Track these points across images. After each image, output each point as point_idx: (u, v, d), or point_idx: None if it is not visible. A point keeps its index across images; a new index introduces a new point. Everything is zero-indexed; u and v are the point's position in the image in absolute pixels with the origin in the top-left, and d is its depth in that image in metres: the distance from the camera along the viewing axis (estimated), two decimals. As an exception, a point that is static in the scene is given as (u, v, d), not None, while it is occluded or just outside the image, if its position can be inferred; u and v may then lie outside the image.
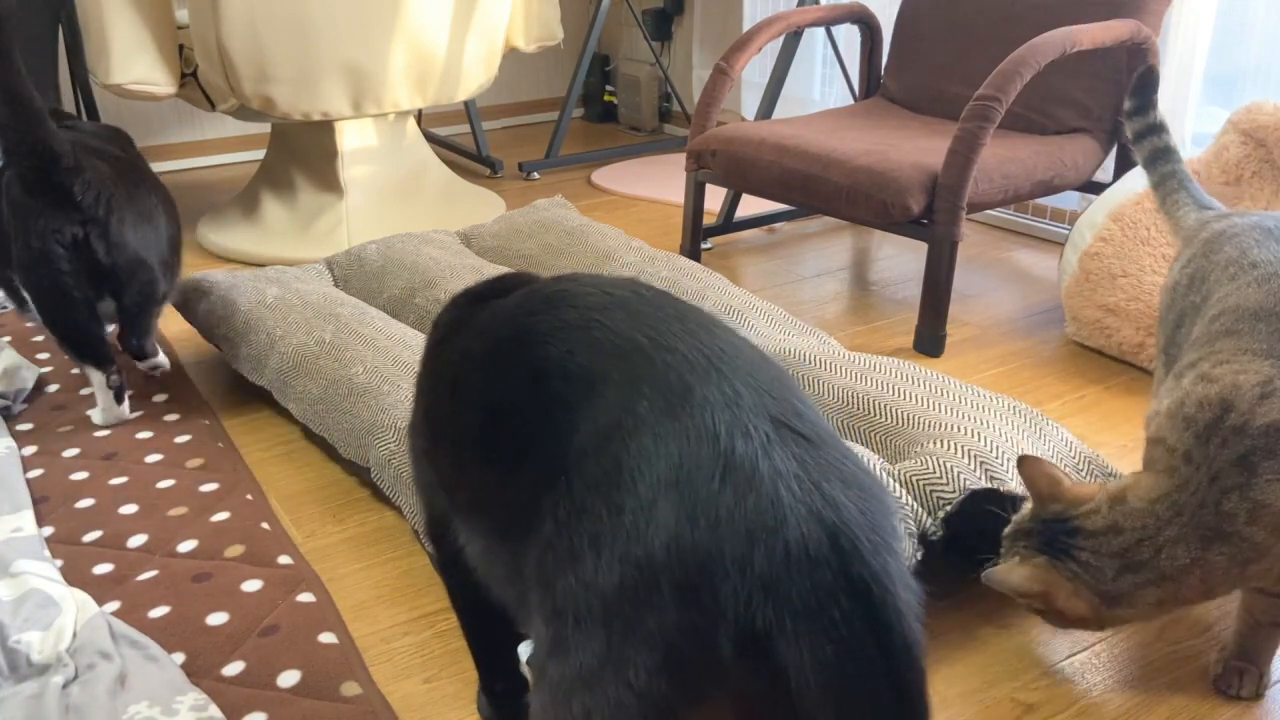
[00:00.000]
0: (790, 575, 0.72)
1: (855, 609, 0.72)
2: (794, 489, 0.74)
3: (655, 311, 0.87)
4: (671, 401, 0.77)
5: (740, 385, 0.79)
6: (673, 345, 0.82)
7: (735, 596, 0.72)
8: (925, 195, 2.10)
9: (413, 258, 2.21)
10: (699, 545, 0.73)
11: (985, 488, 1.34)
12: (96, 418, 1.92)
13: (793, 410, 0.80)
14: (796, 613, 0.72)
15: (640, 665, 0.74)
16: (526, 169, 3.63)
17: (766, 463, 0.74)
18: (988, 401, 1.52)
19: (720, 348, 0.82)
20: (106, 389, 1.89)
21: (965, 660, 1.32)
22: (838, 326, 2.35)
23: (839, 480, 0.76)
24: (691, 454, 0.75)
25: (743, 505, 0.73)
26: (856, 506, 0.76)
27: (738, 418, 0.76)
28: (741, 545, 0.72)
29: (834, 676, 0.72)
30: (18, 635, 1.29)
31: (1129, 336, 2.07)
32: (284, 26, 2.57)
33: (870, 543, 0.75)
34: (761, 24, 2.66)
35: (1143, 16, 2.31)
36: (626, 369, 0.81)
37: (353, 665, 1.30)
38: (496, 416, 0.90)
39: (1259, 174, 2.01)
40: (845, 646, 0.72)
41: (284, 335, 1.92)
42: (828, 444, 0.79)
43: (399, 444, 1.57)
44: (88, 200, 1.76)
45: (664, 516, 0.74)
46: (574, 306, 0.89)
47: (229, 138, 3.88)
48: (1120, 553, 1.11)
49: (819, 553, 0.72)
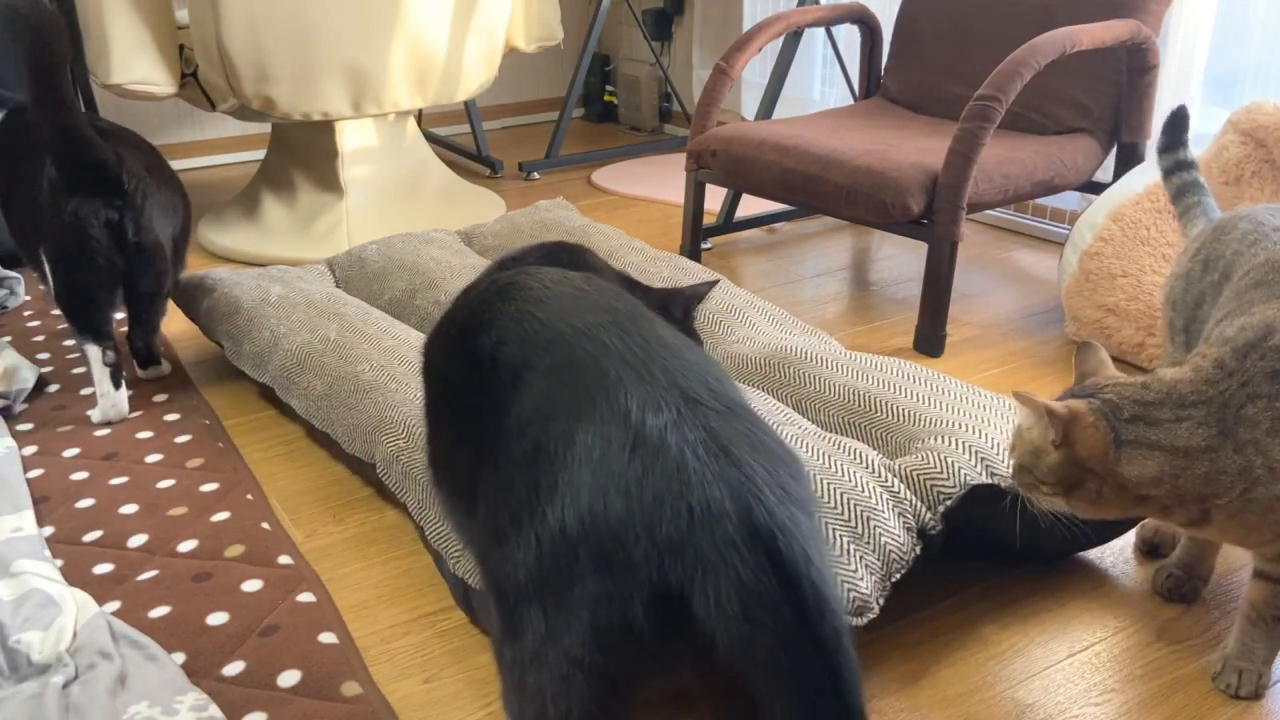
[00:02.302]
0: (697, 533, 0.76)
1: (758, 559, 0.76)
2: (700, 454, 0.79)
3: (587, 304, 0.93)
4: (588, 386, 0.83)
5: (655, 369, 0.85)
6: (595, 335, 0.88)
7: (648, 560, 0.77)
8: (925, 195, 2.10)
9: (413, 258, 2.21)
10: (611, 516, 0.77)
11: (986, 483, 1.34)
12: (95, 415, 1.94)
13: (705, 387, 0.85)
14: (705, 567, 0.76)
15: (574, 637, 0.78)
16: (526, 169, 3.63)
17: (675, 434, 0.80)
18: (988, 400, 1.52)
19: (643, 337, 0.88)
20: (103, 365, 1.92)
21: (965, 660, 1.32)
22: (838, 326, 2.35)
23: (747, 446, 0.81)
24: (603, 432, 0.80)
25: (650, 474, 0.78)
26: (763, 467, 0.81)
27: (650, 395, 0.82)
28: (651, 511, 0.77)
29: (745, 625, 0.76)
30: (18, 635, 1.29)
31: (1129, 336, 2.07)
32: (284, 26, 2.57)
33: (775, 498, 0.79)
34: (761, 24, 2.66)
35: (1143, 16, 2.31)
36: (549, 358, 0.87)
37: (353, 665, 1.30)
38: (444, 397, 0.99)
39: (1259, 174, 2.01)
40: (751, 594, 0.76)
41: (288, 333, 1.92)
42: (739, 415, 0.85)
43: (407, 440, 1.57)
44: (130, 186, 1.88)
45: (578, 492, 0.78)
46: (514, 299, 0.97)
47: (229, 138, 3.88)
48: (1142, 402, 1.13)
49: (721, 509, 0.77)
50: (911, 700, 1.25)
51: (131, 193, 1.88)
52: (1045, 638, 1.36)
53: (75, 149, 1.82)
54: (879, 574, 1.24)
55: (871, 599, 1.22)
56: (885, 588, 1.25)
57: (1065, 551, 1.52)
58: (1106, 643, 1.35)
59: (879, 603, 1.24)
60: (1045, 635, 1.36)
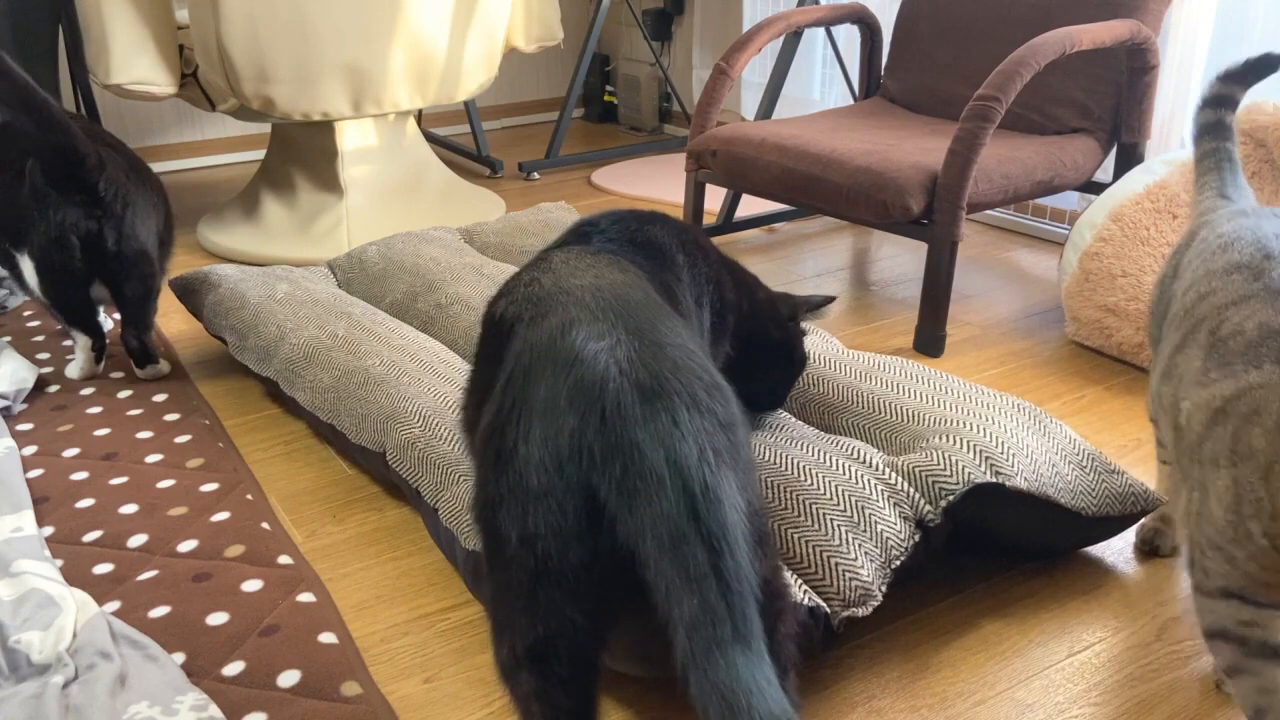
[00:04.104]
0: (607, 432, 0.91)
1: (656, 456, 0.89)
2: (624, 368, 0.94)
3: (586, 274, 1.11)
4: (553, 325, 1.00)
5: (610, 313, 1.01)
6: (575, 294, 1.05)
7: (575, 460, 0.91)
8: (925, 195, 2.10)
9: (413, 260, 2.21)
10: (550, 425, 0.93)
11: (990, 482, 1.34)
12: (72, 371, 2.10)
13: (653, 328, 1.00)
14: (611, 461, 0.90)
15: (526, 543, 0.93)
16: (526, 169, 3.63)
17: (608, 355, 0.95)
18: (991, 399, 1.52)
19: (615, 295, 1.04)
20: (89, 351, 2.07)
21: (965, 659, 1.32)
22: (838, 326, 2.35)
23: (670, 367, 0.96)
24: (554, 357, 0.96)
25: (580, 384, 0.93)
26: (679, 382, 0.94)
27: (595, 329, 0.98)
28: (575, 418, 0.92)
29: (639, 512, 0.89)
30: (18, 635, 1.29)
31: (1129, 336, 2.07)
32: (284, 26, 2.57)
33: (684, 404, 0.93)
34: (761, 24, 2.66)
35: (1143, 16, 2.31)
36: (533, 310, 1.05)
37: (353, 665, 1.30)
38: (480, 354, 1.17)
39: (1259, 174, 2.01)
40: (647, 484, 0.89)
41: (295, 328, 1.93)
42: (676, 349, 0.99)
43: (423, 429, 1.57)
44: (108, 196, 1.91)
45: (533, 410, 0.94)
46: (535, 269, 1.16)
47: (229, 138, 3.88)
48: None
49: (631, 413, 0.91)
50: (911, 700, 1.25)
51: (110, 201, 1.91)
52: (1045, 638, 1.36)
53: (57, 138, 1.84)
54: (878, 561, 1.26)
55: (873, 585, 1.24)
56: (886, 574, 1.26)
57: (1068, 548, 1.52)
58: (1106, 643, 1.35)
59: (881, 590, 1.25)
60: (1045, 635, 1.36)
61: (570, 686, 0.95)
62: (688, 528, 0.87)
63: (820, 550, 1.24)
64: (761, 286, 1.53)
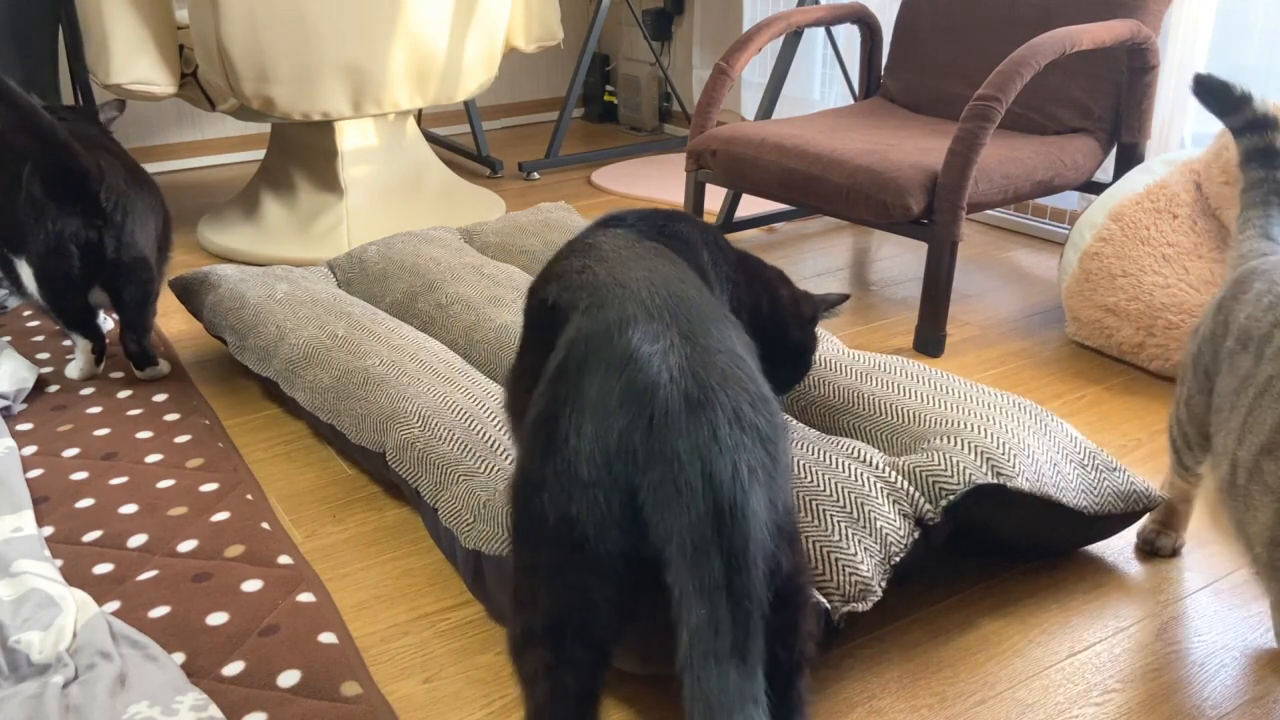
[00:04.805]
0: (653, 438, 0.93)
1: (694, 467, 0.92)
2: (674, 376, 0.96)
3: (638, 265, 1.12)
4: (609, 321, 1.01)
5: (665, 313, 1.02)
6: (630, 286, 1.06)
7: (620, 459, 0.94)
8: (925, 195, 2.10)
9: (413, 260, 2.21)
10: (599, 427, 0.95)
11: (992, 483, 1.34)
12: (72, 372, 2.10)
13: (703, 330, 1.02)
14: (652, 467, 0.93)
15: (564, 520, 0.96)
16: (526, 169, 3.63)
17: (660, 360, 0.97)
18: (991, 398, 1.52)
19: (668, 291, 1.06)
20: (89, 354, 2.08)
21: (965, 659, 1.32)
22: (838, 326, 2.35)
23: (719, 376, 0.97)
24: (609, 357, 0.98)
25: (631, 388, 0.95)
26: (726, 394, 0.96)
27: (650, 330, 1.00)
28: (624, 420, 0.95)
29: (671, 518, 0.91)
30: (18, 635, 1.29)
31: (1129, 336, 2.07)
32: (284, 26, 2.57)
33: (727, 419, 0.95)
34: (761, 24, 2.66)
35: (1143, 16, 2.31)
36: (588, 300, 1.06)
37: (353, 665, 1.30)
38: (526, 330, 1.21)
39: (1259, 174, 2.01)
40: (680, 494, 0.91)
41: (295, 328, 1.93)
42: (724, 354, 1.01)
43: (423, 429, 1.57)
44: (109, 206, 1.91)
45: (584, 403, 0.97)
46: (585, 256, 1.17)
47: (229, 138, 3.88)
48: None
49: (677, 422, 0.94)
50: (911, 700, 1.25)
51: (111, 211, 1.91)
52: (1045, 638, 1.36)
53: (55, 156, 1.85)
54: (878, 556, 1.26)
55: (872, 581, 1.24)
56: (886, 570, 1.27)
57: (1069, 547, 1.52)
58: (1106, 643, 1.35)
59: (881, 586, 1.25)
60: (1045, 635, 1.36)
61: (580, 669, 0.98)
62: (711, 541, 0.90)
63: (820, 546, 1.25)
64: (786, 283, 1.53)
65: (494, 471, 1.47)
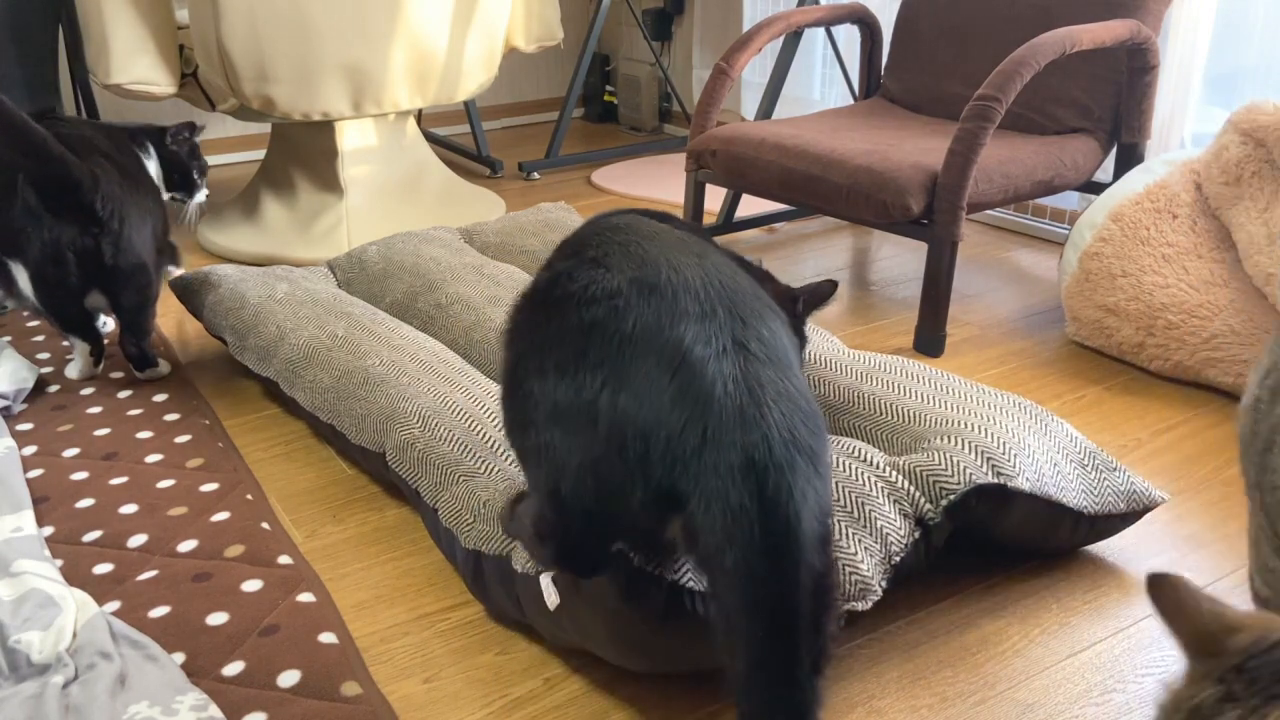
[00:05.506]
0: (705, 452, 0.93)
1: (749, 486, 0.92)
2: (729, 389, 0.95)
3: (684, 249, 1.08)
4: (660, 311, 0.99)
5: (720, 310, 1.00)
6: (683, 272, 1.03)
7: (661, 462, 0.95)
8: (925, 195, 2.10)
9: (413, 260, 2.21)
10: (642, 416, 0.95)
11: (993, 483, 1.34)
12: (71, 373, 2.11)
13: (756, 335, 1.00)
14: (704, 482, 0.93)
15: (575, 481, 1.01)
16: (526, 169, 3.63)
17: (714, 366, 0.96)
18: (992, 398, 1.52)
19: (721, 283, 1.03)
20: (88, 355, 2.09)
21: (965, 659, 1.32)
22: (838, 326, 2.35)
23: (772, 391, 0.97)
24: (660, 351, 0.96)
25: (684, 395, 0.94)
26: (779, 411, 0.96)
27: (704, 331, 0.98)
28: (675, 425, 0.94)
29: (722, 538, 0.92)
30: (18, 635, 1.29)
31: (1129, 336, 2.07)
32: (284, 26, 2.57)
33: (781, 438, 0.94)
34: (761, 24, 2.66)
35: (1143, 16, 2.31)
36: (641, 275, 1.02)
37: (353, 665, 1.30)
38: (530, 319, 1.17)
39: (1259, 174, 2.01)
40: (734, 514, 0.92)
41: (295, 328, 1.93)
42: (776, 365, 1.00)
43: (423, 429, 1.57)
44: (105, 214, 1.90)
45: (624, 384, 0.96)
46: (627, 233, 1.11)
47: (229, 138, 3.88)
48: None
49: (731, 438, 0.93)
50: (911, 700, 1.25)
51: (107, 219, 1.89)
52: (1045, 638, 1.36)
53: (50, 170, 1.83)
54: (878, 556, 1.26)
55: (872, 580, 1.24)
56: (886, 570, 1.27)
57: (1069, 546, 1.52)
58: (1106, 643, 1.35)
59: (881, 585, 1.25)
60: (1045, 635, 1.36)
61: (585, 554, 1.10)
62: (762, 564, 0.91)
63: (820, 548, 1.25)
64: (769, 279, 1.52)
65: (494, 472, 1.47)
